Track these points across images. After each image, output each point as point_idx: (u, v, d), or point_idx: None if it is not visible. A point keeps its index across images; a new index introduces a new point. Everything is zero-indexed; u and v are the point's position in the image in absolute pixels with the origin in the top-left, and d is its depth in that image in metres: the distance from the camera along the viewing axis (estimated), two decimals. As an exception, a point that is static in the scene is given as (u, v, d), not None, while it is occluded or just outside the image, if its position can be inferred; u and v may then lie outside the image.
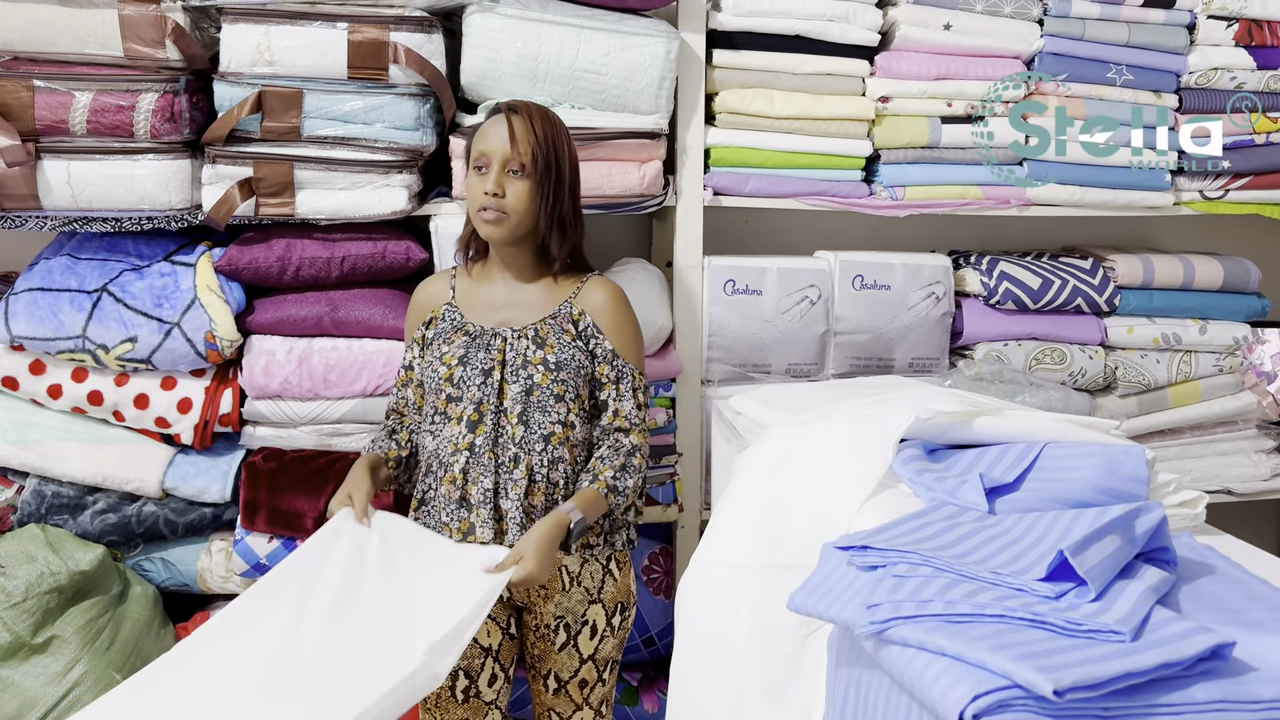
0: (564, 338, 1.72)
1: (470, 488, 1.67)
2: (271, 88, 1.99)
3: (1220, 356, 2.46)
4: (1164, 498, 1.20)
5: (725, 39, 2.24)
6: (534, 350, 1.70)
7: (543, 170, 1.68)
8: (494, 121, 1.71)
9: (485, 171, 1.68)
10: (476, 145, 1.71)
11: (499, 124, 1.69)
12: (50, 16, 1.91)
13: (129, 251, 2.12)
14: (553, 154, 1.69)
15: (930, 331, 2.38)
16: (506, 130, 1.68)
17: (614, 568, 1.74)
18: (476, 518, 1.66)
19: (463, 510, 1.68)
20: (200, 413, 2.07)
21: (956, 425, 1.30)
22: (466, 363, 1.70)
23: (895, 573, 0.96)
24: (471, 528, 1.67)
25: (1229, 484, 2.52)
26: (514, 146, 1.67)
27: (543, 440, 1.67)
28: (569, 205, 1.74)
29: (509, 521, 1.66)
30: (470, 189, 1.71)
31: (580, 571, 1.70)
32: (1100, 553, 0.91)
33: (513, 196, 1.67)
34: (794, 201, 2.33)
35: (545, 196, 1.69)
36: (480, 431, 1.67)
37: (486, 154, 1.68)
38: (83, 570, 1.97)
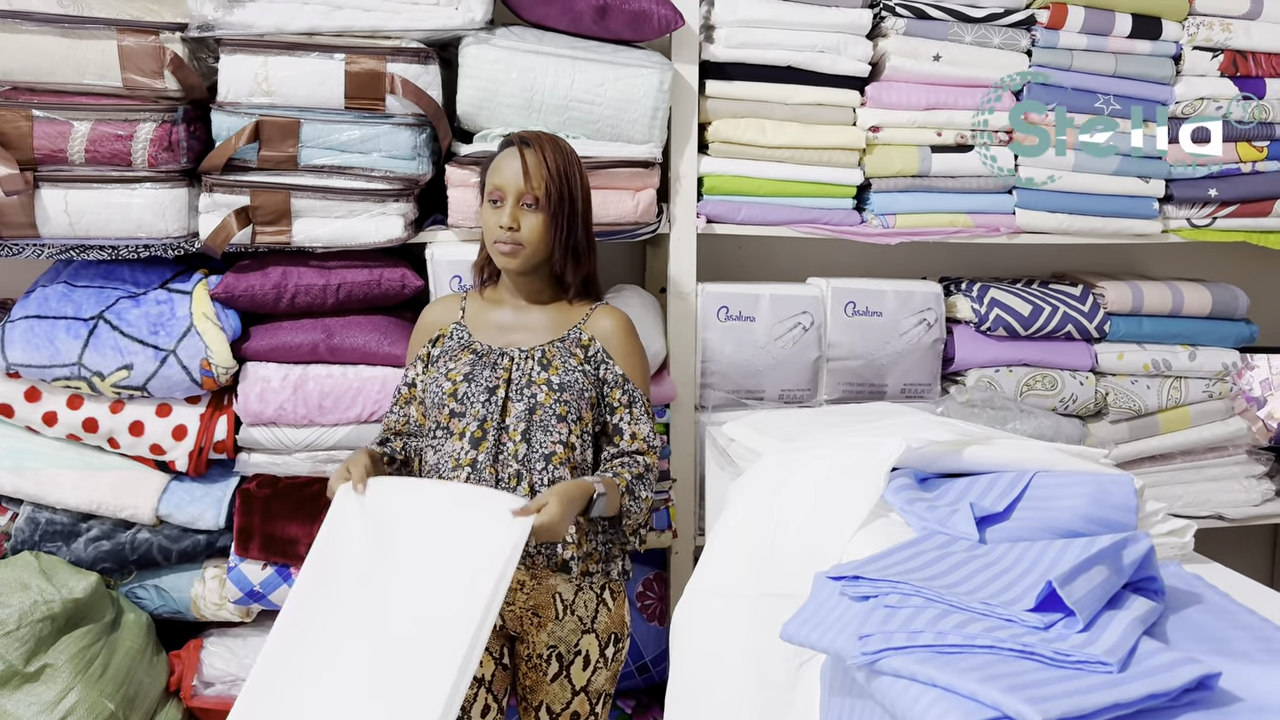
0: (570, 361, 1.74)
1: None
2: (269, 117, 2.00)
3: (1210, 382, 2.48)
4: (1152, 527, 1.21)
5: (718, 69, 2.27)
6: (539, 371, 1.72)
7: (556, 202, 1.72)
8: (507, 154, 1.74)
9: (500, 205, 1.72)
10: (491, 179, 1.74)
11: (512, 157, 1.72)
12: (50, 47, 1.93)
13: (125, 279, 2.13)
14: (565, 185, 1.73)
15: (922, 358, 2.40)
16: (520, 164, 1.71)
17: (608, 598, 1.74)
18: None
19: None
20: (195, 440, 2.08)
21: (947, 454, 1.31)
22: (472, 379, 1.72)
23: (887, 603, 0.97)
24: None
25: (1220, 509, 2.54)
26: (527, 180, 1.70)
27: (544, 459, 1.68)
28: (582, 234, 1.78)
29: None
30: (486, 222, 1.75)
31: (574, 600, 1.70)
32: (1088, 583, 0.92)
33: (527, 229, 1.71)
34: (786, 229, 2.35)
35: (559, 228, 1.73)
36: (483, 448, 1.68)
37: (501, 188, 1.72)
38: (76, 598, 1.96)
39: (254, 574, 2.10)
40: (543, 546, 1.67)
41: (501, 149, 1.77)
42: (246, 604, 2.12)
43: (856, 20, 2.27)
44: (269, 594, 2.10)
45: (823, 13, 2.25)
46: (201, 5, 1.96)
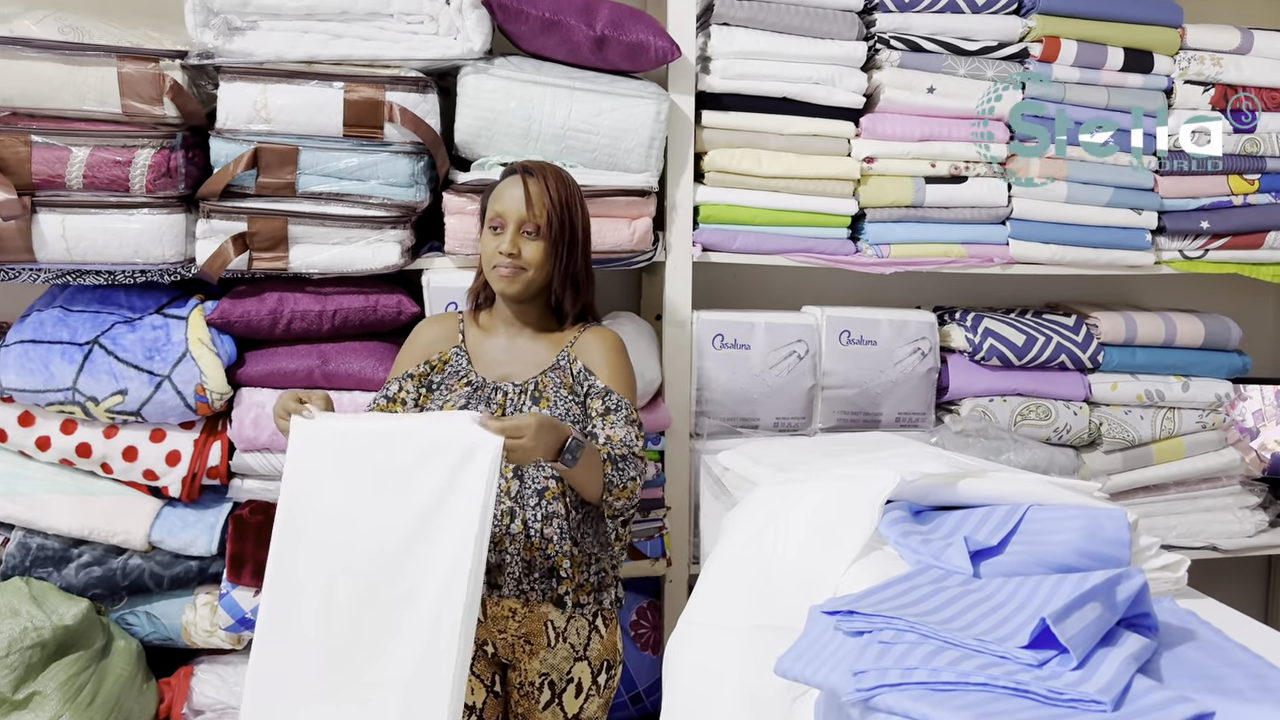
0: (561, 391, 1.72)
1: None
2: (267, 144, 2.01)
3: (1203, 413, 2.49)
4: (1146, 561, 1.21)
5: (714, 100, 2.29)
6: (530, 406, 1.70)
7: (557, 231, 1.72)
8: (510, 183, 1.74)
9: (501, 232, 1.72)
10: (492, 206, 1.75)
11: (515, 185, 1.73)
12: (51, 73, 1.94)
13: (121, 304, 2.13)
14: (567, 215, 1.73)
15: (916, 387, 2.40)
16: (522, 192, 1.71)
17: (600, 625, 1.73)
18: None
19: None
20: (189, 465, 2.07)
21: (941, 487, 1.31)
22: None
23: (881, 639, 0.97)
24: None
25: (1214, 540, 2.54)
26: (530, 208, 1.71)
27: (537, 495, 1.66)
28: (581, 264, 1.78)
29: (505, 575, 1.64)
30: (485, 247, 1.75)
31: (566, 628, 1.69)
32: (1082, 620, 0.92)
33: (528, 255, 1.71)
34: (781, 258, 2.36)
35: (559, 256, 1.73)
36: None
37: (502, 215, 1.72)
38: (66, 625, 1.95)
39: (246, 601, 2.08)
40: (538, 579, 1.65)
41: (504, 177, 1.77)
42: (238, 631, 2.11)
43: (851, 53, 2.29)
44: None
45: (818, 45, 2.27)
46: (202, 33, 1.97)
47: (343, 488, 1.51)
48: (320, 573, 1.49)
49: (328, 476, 1.52)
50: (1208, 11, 2.57)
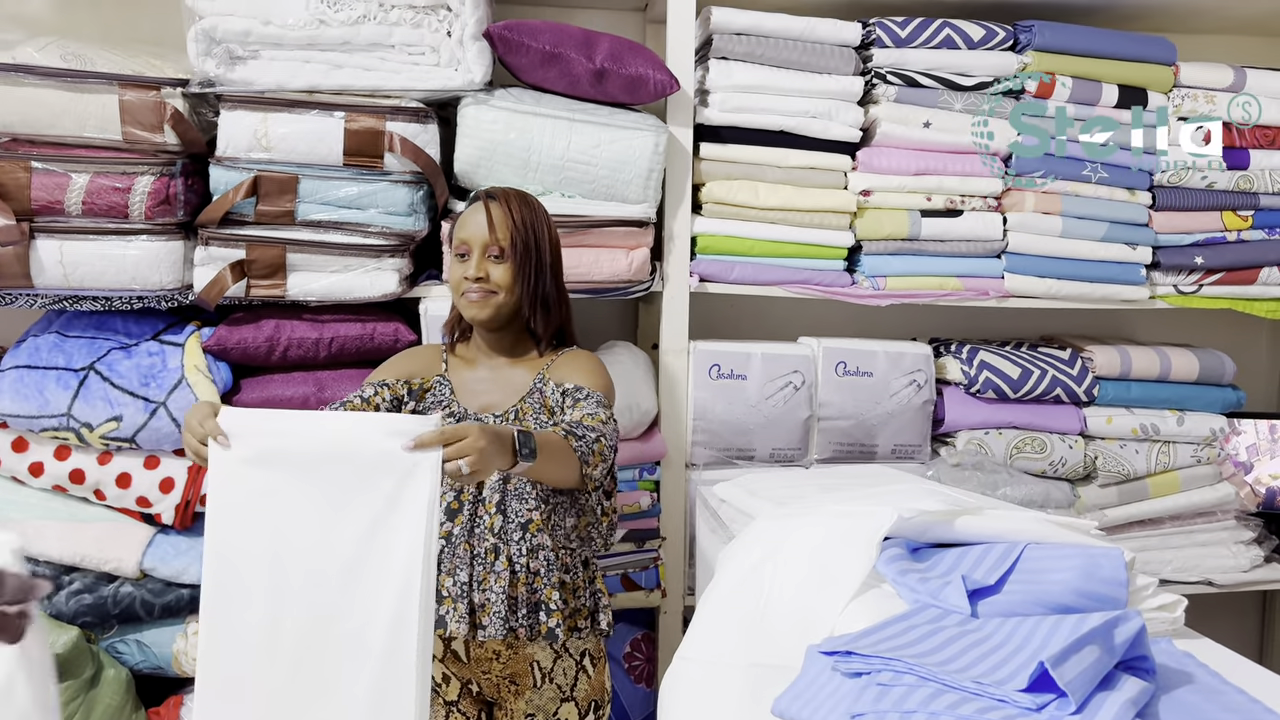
0: (541, 416, 1.69)
1: (444, 579, 1.61)
2: (267, 173, 2.02)
3: (1198, 447, 2.49)
4: (1143, 601, 1.21)
5: (712, 133, 2.30)
6: None
7: (522, 253, 1.71)
8: (473, 210, 1.75)
9: (467, 258, 1.72)
10: (457, 234, 1.75)
11: (478, 211, 1.74)
12: (52, 100, 1.95)
13: (117, 330, 2.13)
14: (531, 237, 1.72)
15: (912, 419, 2.41)
16: (485, 217, 1.72)
17: (588, 664, 1.70)
18: (450, 611, 1.60)
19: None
20: (182, 493, 2.06)
21: (939, 524, 1.31)
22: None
23: (880, 680, 0.97)
24: (441, 620, 1.59)
25: (1209, 575, 2.53)
26: (492, 232, 1.71)
27: (520, 529, 1.63)
28: (551, 285, 1.76)
29: (489, 614, 1.60)
30: (453, 275, 1.75)
31: (553, 668, 1.66)
32: (1080, 663, 0.92)
33: (495, 277, 1.71)
34: (778, 289, 2.37)
35: (526, 278, 1.72)
36: (458, 521, 1.63)
37: (467, 241, 1.73)
38: (55, 653, 1.93)
39: (237, 630, 2.07)
40: (525, 615, 1.61)
41: (468, 205, 1.78)
42: (229, 660, 2.09)
43: (848, 87, 2.31)
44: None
45: (815, 80, 2.29)
46: (203, 62, 1.99)
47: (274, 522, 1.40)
48: (258, 618, 1.40)
49: (256, 511, 1.41)
50: (1201, 49, 2.60)
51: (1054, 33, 2.36)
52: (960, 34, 2.34)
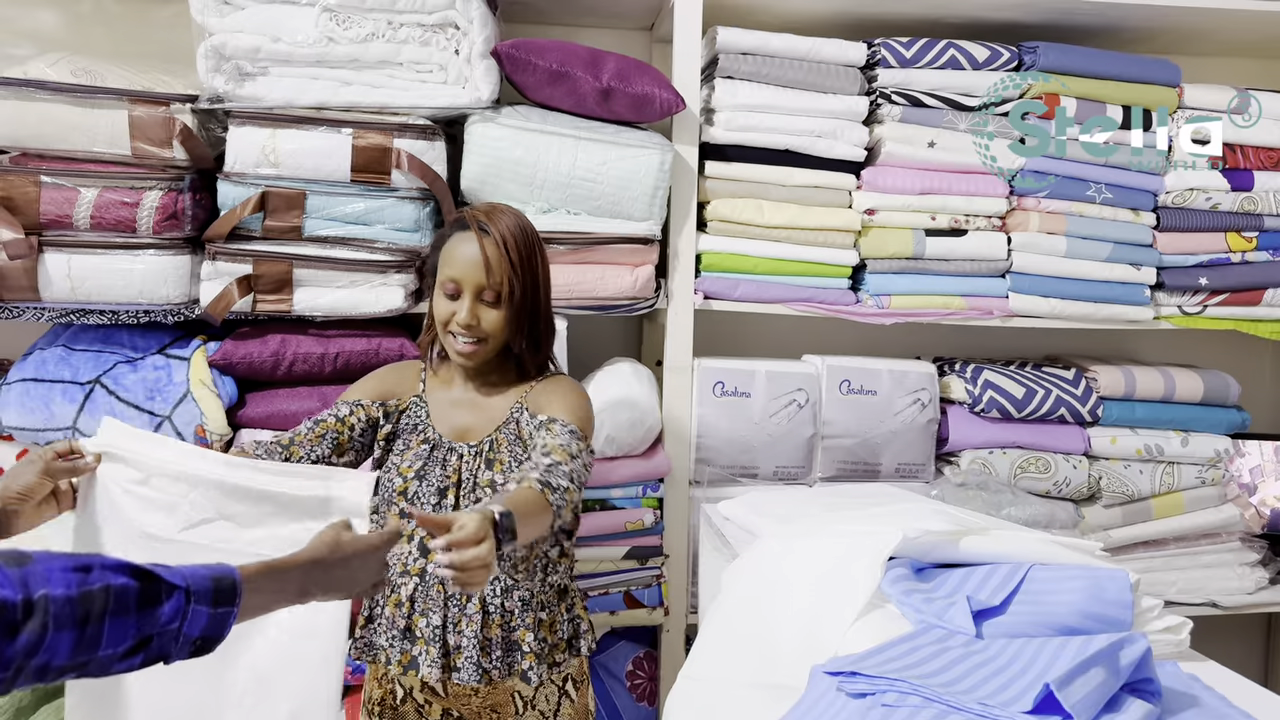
0: (515, 449, 1.60)
1: (417, 619, 1.56)
2: (275, 188, 2.03)
3: (1203, 468, 2.48)
4: (1148, 623, 1.20)
5: (717, 151, 2.31)
6: (484, 471, 1.58)
7: (519, 299, 1.56)
8: (463, 241, 1.56)
9: (456, 297, 1.56)
10: (445, 268, 1.57)
11: (468, 243, 1.55)
12: (63, 115, 1.96)
13: (124, 343, 2.13)
14: (528, 276, 1.57)
15: (916, 438, 2.40)
16: (479, 255, 1.54)
17: (570, 689, 1.67)
18: (422, 653, 1.55)
19: (405, 641, 1.57)
20: (186, 507, 2.06)
21: (944, 544, 1.31)
22: (423, 477, 1.58)
23: (885, 701, 0.96)
24: (414, 661, 1.55)
25: (1214, 597, 2.52)
26: (488, 275, 1.54)
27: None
28: (542, 320, 1.64)
29: (461, 657, 1.55)
30: (439, 310, 1.58)
31: (535, 696, 1.63)
32: (1085, 686, 0.92)
33: (487, 324, 1.56)
34: (782, 307, 2.37)
35: (523, 322, 1.59)
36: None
37: (457, 280, 1.55)
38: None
39: (239, 645, 2.06)
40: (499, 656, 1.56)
41: (454, 229, 1.59)
42: (230, 675, 2.08)
43: (853, 107, 2.32)
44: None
45: (820, 99, 2.30)
46: (213, 78, 2.00)
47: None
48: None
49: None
50: (1205, 71, 2.62)
51: (1058, 54, 2.37)
52: (965, 54, 2.35)
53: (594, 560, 2.23)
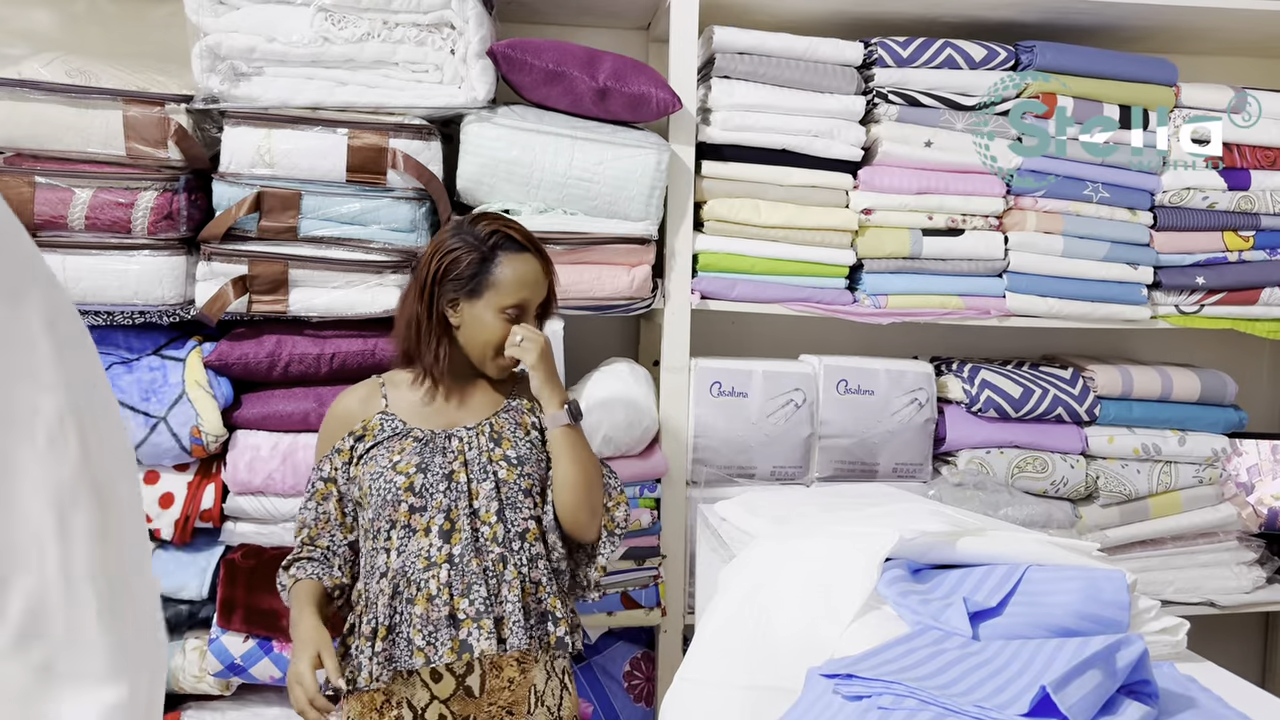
0: (519, 432, 1.68)
1: (458, 601, 1.57)
2: (270, 188, 2.03)
3: (1200, 468, 2.48)
4: (1145, 624, 1.20)
5: (714, 151, 2.31)
6: (492, 447, 1.65)
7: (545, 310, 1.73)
8: (521, 260, 1.65)
9: (522, 319, 1.66)
10: (507, 293, 1.64)
11: (526, 263, 1.65)
12: (57, 116, 1.96)
13: (119, 344, 2.13)
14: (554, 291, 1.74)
15: (913, 437, 2.40)
16: (539, 274, 1.67)
17: (568, 681, 1.72)
18: (474, 632, 1.56)
19: (450, 629, 1.56)
20: (182, 508, 2.06)
21: (940, 545, 1.30)
22: (426, 469, 1.61)
23: (881, 704, 0.96)
24: (465, 645, 1.55)
25: (1211, 596, 2.52)
26: (542, 293, 1.69)
27: (519, 538, 1.62)
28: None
29: (508, 625, 1.57)
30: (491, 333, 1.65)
31: (544, 690, 1.66)
32: (1082, 688, 0.91)
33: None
34: (779, 307, 2.37)
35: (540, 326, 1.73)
36: (456, 540, 1.58)
37: (525, 304, 1.66)
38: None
39: (235, 647, 2.06)
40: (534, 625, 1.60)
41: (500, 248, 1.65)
42: (227, 677, 2.08)
43: (850, 107, 2.32)
44: (250, 667, 2.06)
45: (817, 99, 2.30)
46: (208, 78, 2.00)
47: None
48: None
49: None
50: (1202, 70, 2.62)
51: (1055, 53, 2.36)
52: (962, 54, 2.35)
53: (591, 561, 2.23)
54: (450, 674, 1.60)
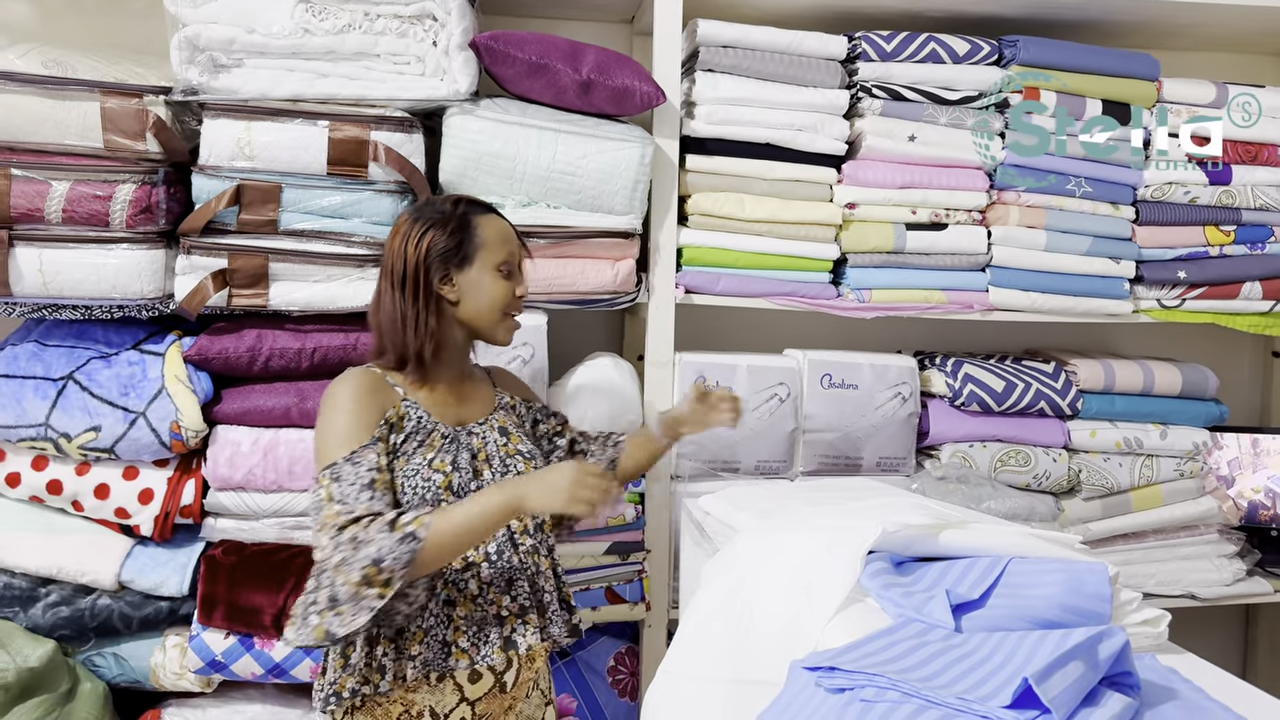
0: (519, 429, 1.72)
1: (500, 599, 1.57)
2: (250, 181, 2.01)
3: (1181, 461, 2.49)
4: (1126, 616, 1.20)
5: (698, 144, 2.30)
6: (505, 441, 1.66)
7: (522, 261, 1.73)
8: (494, 220, 1.65)
9: (513, 276, 1.65)
10: (494, 251, 1.61)
11: (500, 221, 1.66)
12: (33, 107, 1.93)
13: (97, 339, 2.11)
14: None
15: (897, 431, 2.40)
16: (511, 230, 1.67)
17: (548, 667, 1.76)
18: (519, 628, 1.56)
19: (496, 627, 1.55)
20: (162, 504, 2.04)
21: (923, 538, 1.30)
22: (458, 466, 1.57)
23: (863, 696, 0.96)
24: (510, 642, 1.55)
25: (1192, 589, 2.54)
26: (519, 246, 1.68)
27: (540, 529, 1.66)
28: None
29: (551, 617, 1.61)
30: (498, 293, 1.62)
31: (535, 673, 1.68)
32: (1064, 680, 0.91)
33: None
34: (764, 301, 2.37)
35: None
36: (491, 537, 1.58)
37: (515, 255, 1.66)
38: (31, 667, 1.91)
39: (216, 643, 2.05)
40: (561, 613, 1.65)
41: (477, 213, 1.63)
42: (208, 674, 2.07)
43: (834, 101, 2.32)
44: (231, 664, 2.05)
45: (801, 93, 2.30)
46: (186, 70, 1.97)
47: None
48: None
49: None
50: (1183, 66, 2.63)
51: (1038, 48, 2.37)
52: (945, 48, 2.35)
53: (575, 555, 2.22)
54: (490, 672, 1.58)
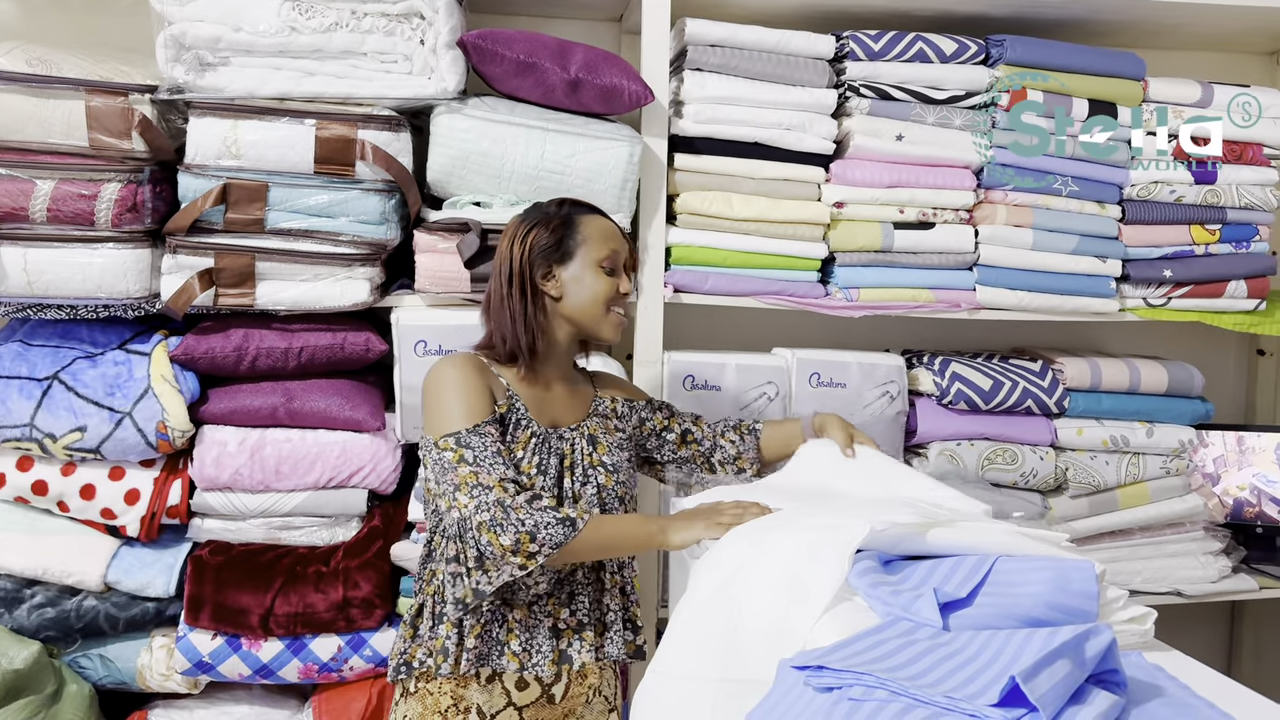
0: (610, 437, 1.67)
1: (560, 611, 1.57)
2: (237, 180, 2.00)
3: (1167, 459, 2.51)
4: (1113, 614, 1.21)
5: (686, 144, 2.30)
6: (591, 450, 1.63)
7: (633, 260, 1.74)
8: (597, 219, 1.67)
9: (615, 273, 1.64)
10: (598, 247, 1.63)
11: (603, 220, 1.67)
12: (17, 105, 1.92)
13: (83, 339, 2.10)
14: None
15: (885, 430, 2.41)
16: (617, 229, 1.68)
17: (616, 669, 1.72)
18: (575, 643, 1.56)
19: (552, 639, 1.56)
20: (148, 504, 2.03)
21: (911, 536, 1.31)
22: (544, 470, 1.57)
23: (851, 695, 0.96)
24: (565, 657, 1.56)
25: (1178, 586, 2.55)
26: (625, 244, 1.69)
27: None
28: None
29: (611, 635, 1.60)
30: (601, 289, 1.62)
31: (600, 681, 1.66)
32: (1051, 678, 0.92)
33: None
34: (752, 300, 2.37)
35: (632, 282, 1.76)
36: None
37: (617, 253, 1.65)
38: (16, 669, 1.90)
39: (203, 644, 2.04)
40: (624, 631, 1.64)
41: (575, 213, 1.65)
42: (194, 675, 2.06)
43: (822, 100, 2.32)
44: (218, 665, 2.04)
45: (789, 92, 2.30)
46: (173, 68, 1.96)
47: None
48: None
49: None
50: (1169, 65, 2.64)
51: (1025, 47, 2.38)
52: (933, 48, 2.35)
53: (564, 555, 2.22)
54: (538, 682, 1.57)
